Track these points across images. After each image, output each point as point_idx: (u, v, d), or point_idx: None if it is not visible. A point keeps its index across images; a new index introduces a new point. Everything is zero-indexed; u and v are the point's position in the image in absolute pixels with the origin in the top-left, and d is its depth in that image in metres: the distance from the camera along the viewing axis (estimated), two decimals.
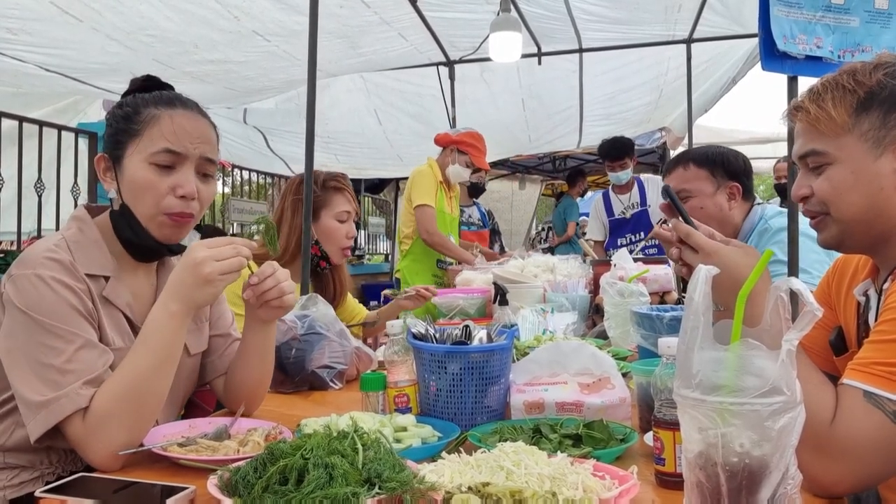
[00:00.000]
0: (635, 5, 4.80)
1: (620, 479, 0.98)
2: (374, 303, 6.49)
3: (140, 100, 1.42)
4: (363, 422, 1.24)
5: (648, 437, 1.18)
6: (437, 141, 4.32)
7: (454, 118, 5.80)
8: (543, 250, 6.58)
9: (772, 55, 2.33)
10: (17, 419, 1.32)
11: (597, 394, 1.38)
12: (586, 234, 5.53)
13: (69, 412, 1.20)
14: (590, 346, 1.52)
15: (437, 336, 1.50)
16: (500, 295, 2.27)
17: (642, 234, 4.91)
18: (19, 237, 4.91)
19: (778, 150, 8.10)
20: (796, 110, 1.26)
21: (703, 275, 0.85)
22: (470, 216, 5.43)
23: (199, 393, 1.73)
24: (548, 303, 2.71)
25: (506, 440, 1.14)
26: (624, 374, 1.51)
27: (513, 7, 4.60)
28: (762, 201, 2.51)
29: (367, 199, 9.98)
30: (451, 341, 1.48)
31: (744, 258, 1.13)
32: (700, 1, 4.76)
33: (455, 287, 3.37)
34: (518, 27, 4.58)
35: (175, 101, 1.43)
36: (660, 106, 6.72)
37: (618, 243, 4.94)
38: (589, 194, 10.13)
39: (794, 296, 0.84)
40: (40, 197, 4.79)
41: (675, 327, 1.73)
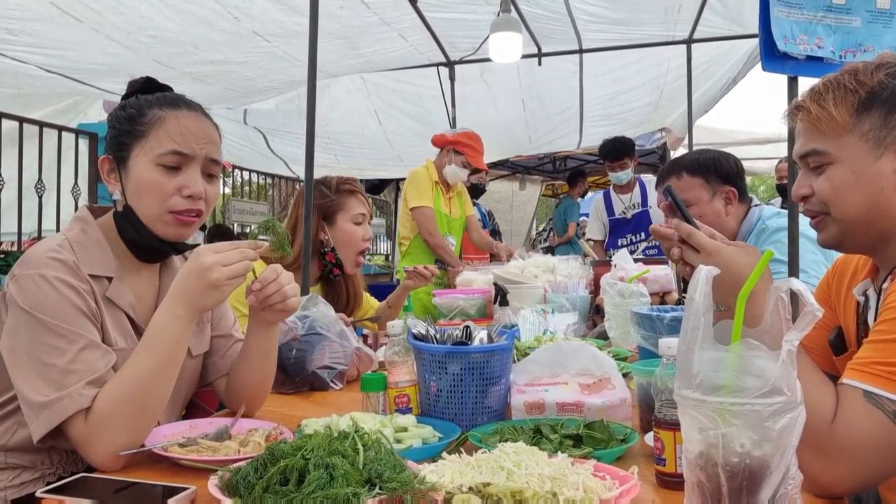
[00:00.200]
0: (635, 6, 4.80)
1: (621, 480, 0.98)
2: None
3: (144, 101, 1.41)
4: (364, 422, 1.24)
5: (649, 438, 1.18)
6: (434, 142, 4.33)
7: (454, 119, 5.80)
8: (543, 250, 6.57)
9: (772, 56, 2.32)
10: (19, 419, 1.32)
11: (597, 394, 1.38)
12: (586, 234, 5.52)
13: (72, 412, 1.20)
14: (590, 346, 1.52)
15: (438, 336, 1.50)
16: (501, 295, 2.27)
17: (643, 234, 4.90)
18: (20, 238, 4.91)
19: (778, 151, 8.10)
20: (797, 110, 1.26)
21: (704, 275, 0.85)
22: None
23: (200, 394, 1.73)
24: (548, 303, 2.70)
25: (506, 440, 1.14)
26: (624, 375, 1.51)
27: (513, 7, 4.60)
28: (759, 202, 2.51)
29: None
30: (451, 342, 1.48)
31: (745, 258, 1.13)
32: (700, 1, 4.76)
33: (455, 287, 3.37)
34: (518, 28, 4.58)
35: (179, 102, 1.43)
36: (660, 106, 6.71)
37: (618, 243, 4.94)
38: (589, 195, 10.12)
39: (795, 296, 0.84)
40: (41, 198, 4.80)
41: (676, 328, 1.73)
